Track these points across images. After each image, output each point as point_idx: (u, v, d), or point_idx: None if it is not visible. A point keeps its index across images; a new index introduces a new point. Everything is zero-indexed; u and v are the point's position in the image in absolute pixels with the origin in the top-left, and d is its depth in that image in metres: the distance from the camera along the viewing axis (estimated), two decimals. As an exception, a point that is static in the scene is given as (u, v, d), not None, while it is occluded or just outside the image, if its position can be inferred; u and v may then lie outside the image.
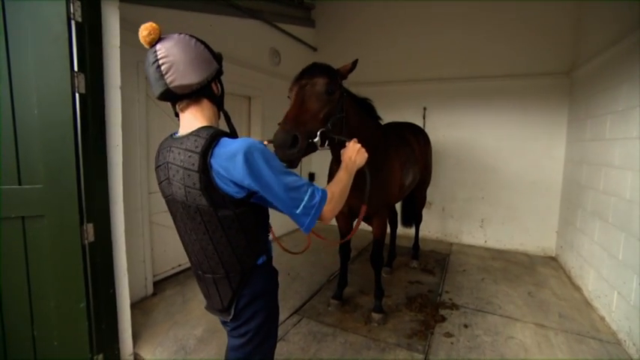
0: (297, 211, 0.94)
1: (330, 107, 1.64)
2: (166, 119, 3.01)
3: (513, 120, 4.06)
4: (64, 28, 1.56)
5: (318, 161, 5.00)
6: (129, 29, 2.42)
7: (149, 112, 2.83)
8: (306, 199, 0.94)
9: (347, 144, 1.30)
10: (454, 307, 2.72)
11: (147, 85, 2.75)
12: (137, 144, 2.67)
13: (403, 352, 2.14)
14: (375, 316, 2.47)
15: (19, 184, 1.58)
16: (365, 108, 2.27)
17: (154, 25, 0.91)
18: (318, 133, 1.51)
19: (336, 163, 2.35)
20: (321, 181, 4.65)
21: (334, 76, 1.70)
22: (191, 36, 0.97)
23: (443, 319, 2.53)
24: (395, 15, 4.55)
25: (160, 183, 1.06)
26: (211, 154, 0.89)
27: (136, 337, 2.15)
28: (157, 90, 0.94)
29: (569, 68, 3.69)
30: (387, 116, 2.77)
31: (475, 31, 4.11)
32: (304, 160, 1.62)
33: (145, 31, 0.91)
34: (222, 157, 0.88)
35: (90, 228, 1.73)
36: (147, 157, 2.80)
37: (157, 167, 1.06)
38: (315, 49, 5.10)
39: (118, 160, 1.90)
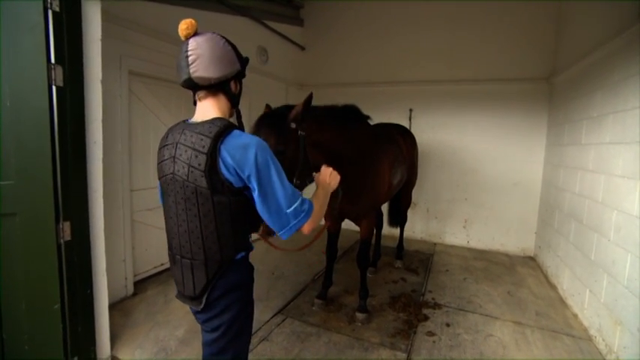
0: (288, 211, 1.00)
1: (287, 164, 1.60)
2: (150, 115, 2.94)
3: (496, 123, 4.18)
4: (40, 17, 1.50)
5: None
6: (112, 22, 2.37)
7: (132, 108, 2.75)
8: (298, 202, 1.02)
9: (319, 172, 1.35)
10: (437, 306, 2.77)
11: (129, 80, 2.67)
12: (118, 140, 2.60)
13: (386, 351, 2.17)
14: (359, 315, 2.49)
15: (-11, 180, 1.51)
16: (348, 116, 2.24)
17: (193, 21, 1.00)
18: None
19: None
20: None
21: (285, 128, 1.64)
22: (222, 37, 1.05)
23: (426, 318, 2.58)
24: (383, 16, 4.60)
25: (161, 162, 1.09)
26: (222, 141, 0.96)
27: (114, 339, 2.09)
28: (181, 77, 1.02)
29: (549, 74, 3.83)
30: (373, 117, 2.78)
31: (461, 36, 4.21)
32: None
33: (183, 25, 1.00)
34: (232, 146, 0.96)
35: (66, 226, 1.66)
36: (129, 153, 2.72)
37: (164, 146, 1.09)
38: (303, 48, 5.09)
39: (97, 156, 1.84)
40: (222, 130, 0.97)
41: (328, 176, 1.31)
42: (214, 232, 1.01)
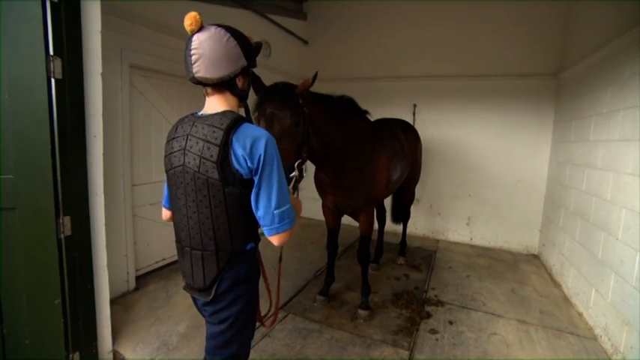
0: (276, 211, 0.99)
1: (299, 137, 1.66)
2: (151, 110, 2.91)
3: (501, 119, 4.12)
4: (38, 8, 1.46)
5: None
6: (113, 14, 2.33)
7: (133, 102, 2.72)
8: (287, 207, 1.02)
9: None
10: (439, 303, 2.75)
11: (131, 73, 2.64)
12: (120, 135, 2.57)
13: (389, 348, 2.15)
14: (362, 312, 2.48)
15: (-12, 174, 1.49)
16: (344, 106, 2.21)
17: (197, 17, 0.98)
18: (296, 165, 1.59)
19: (321, 172, 2.33)
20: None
21: (296, 101, 1.65)
22: (227, 30, 1.01)
23: (428, 315, 2.56)
24: (387, 11, 4.52)
25: (169, 154, 1.10)
26: (234, 133, 0.98)
27: (115, 333, 2.08)
28: (187, 75, 1.03)
29: (557, 70, 3.75)
30: (377, 112, 2.76)
31: (466, 31, 4.13)
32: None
33: (188, 20, 0.98)
34: (244, 137, 0.97)
35: (67, 221, 1.65)
36: (130, 148, 2.70)
37: (173, 138, 1.10)
38: (306, 42, 5.03)
39: (97, 150, 1.81)
40: (233, 122, 0.99)
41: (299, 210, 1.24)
42: (225, 222, 1.02)
